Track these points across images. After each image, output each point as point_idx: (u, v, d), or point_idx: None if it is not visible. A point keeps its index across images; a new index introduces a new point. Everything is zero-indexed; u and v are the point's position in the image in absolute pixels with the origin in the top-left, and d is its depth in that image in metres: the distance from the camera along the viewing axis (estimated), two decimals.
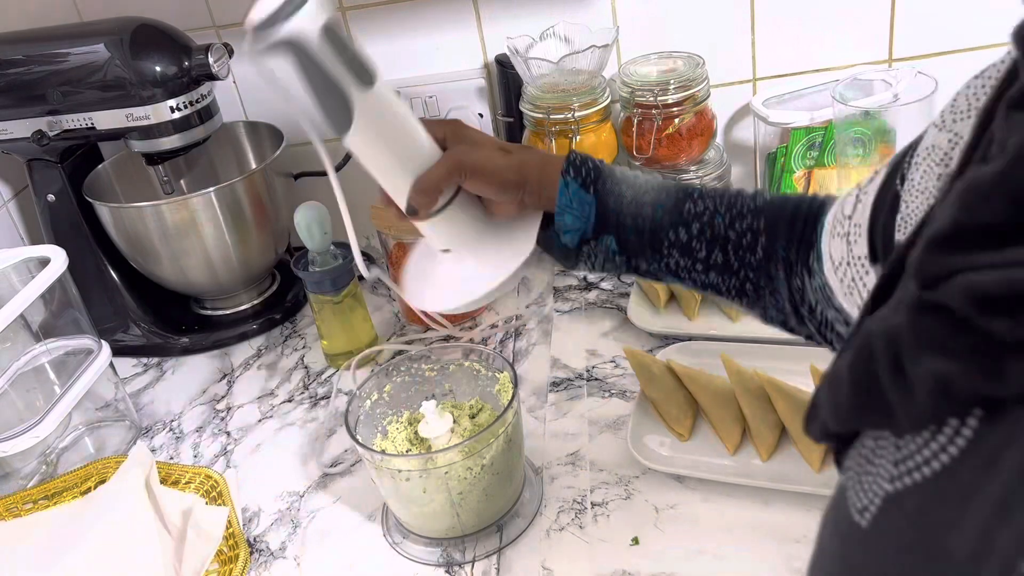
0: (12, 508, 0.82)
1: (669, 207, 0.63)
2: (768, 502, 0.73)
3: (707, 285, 0.64)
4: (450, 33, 1.11)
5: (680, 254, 0.64)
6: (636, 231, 0.64)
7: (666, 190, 0.65)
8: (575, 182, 0.65)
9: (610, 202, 0.64)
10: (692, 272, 0.64)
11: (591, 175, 0.65)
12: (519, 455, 0.76)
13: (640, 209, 0.64)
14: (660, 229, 0.64)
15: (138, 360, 1.09)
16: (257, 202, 1.04)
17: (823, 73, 1.10)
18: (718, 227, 0.62)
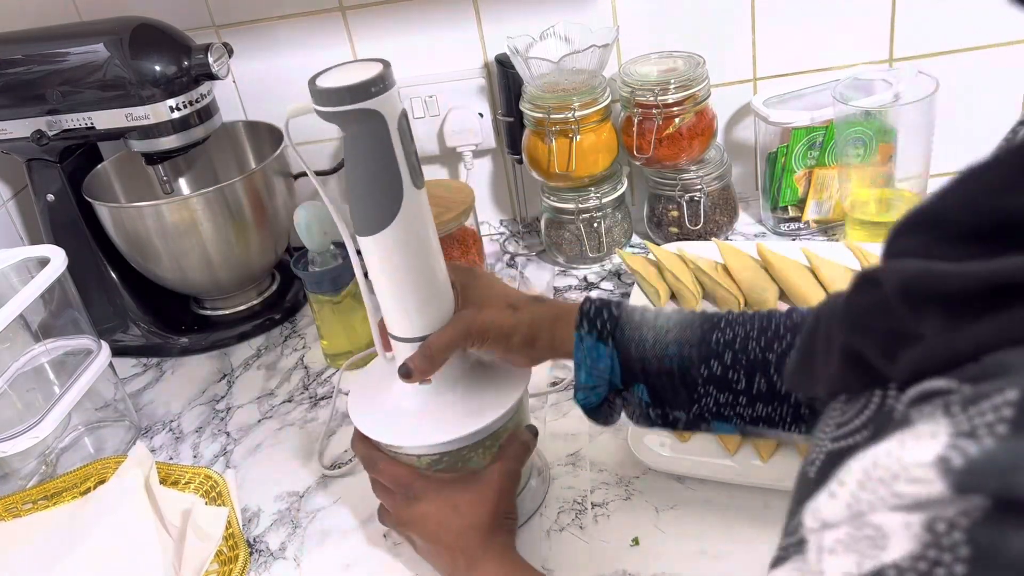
0: (11, 508, 0.82)
1: (695, 341, 0.59)
2: (768, 502, 0.73)
3: (758, 420, 0.59)
4: (450, 33, 1.11)
5: (718, 390, 0.59)
6: (666, 374, 0.60)
7: (689, 325, 0.60)
8: (590, 336, 0.62)
9: (632, 351, 0.61)
10: (736, 407, 0.59)
11: (607, 326, 0.61)
12: None
13: (665, 350, 0.60)
14: (690, 366, 0.59)
15: (138, 360, 1.09)
16: (257, 202, 1.04)
17: (824, 73, 1.09)
18: (753, 352, 0.58)
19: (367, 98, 0.58)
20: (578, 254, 1.09)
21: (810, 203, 1.07)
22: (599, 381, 0.62)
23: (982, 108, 1.10)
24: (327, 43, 1.12)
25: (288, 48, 1.13)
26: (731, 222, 1.10)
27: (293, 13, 1.11)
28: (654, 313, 0.63)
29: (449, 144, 1.16)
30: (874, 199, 1.00)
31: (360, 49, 1.13)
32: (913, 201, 0.99)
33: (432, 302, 0.66)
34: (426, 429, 0.68)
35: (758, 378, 0.57)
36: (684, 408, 0.61)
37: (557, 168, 1.03)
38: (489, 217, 1.24)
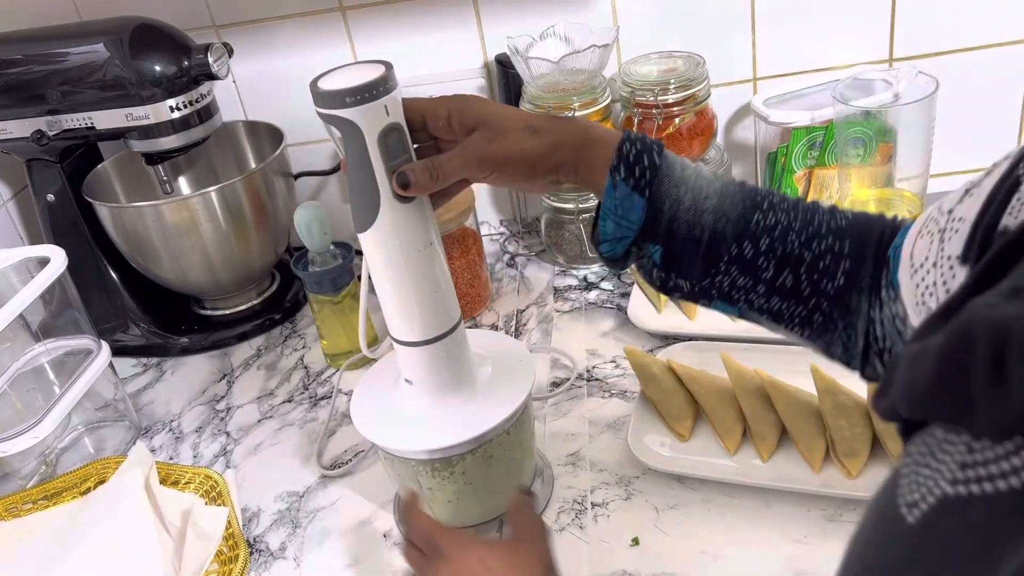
0: (12, 508, 0.82)
1: (734, 217, 0.55)
2: (768, 502, 0.73)
3: (765, 311, 0.56)
4: (450, 33, 1.11)
5: (740, 272, 0.55)
6: (692, 242, 0.55)
7: (731, 197, 0.56)
8: (625, 184, 0.55)
9: (665, 207, 0.55)
10: (751, 294, 0.56)
11: (646, 175, 0.55)
12: (529, 449, 0.76)
13: (699, 217, 0.55)
14: (721, 241, 0.55)
15: (138, 360, 1.09)
16: (257, 202, 1.04)
17: (824, 73, 1.09)
18: (791, 245, 0.54)
19: (341, 107, 0.58)
20: (578, 254, 1.09)
21: None
22: (628, 232, 0.56)
23: (982, 108, 1.10)
24: (327, 43, 1.12)
25: (288, 48, 1.13)
26: None
27: (293, 13, 1.11)
28: (695, 172, 0.57)
29: None
30: (874, 199, 1.00)
31: (360, 49, 1.13)
32: (913, 201, 0.99)
33: (419, 312, 0.66)
34: (426, 433, 0.68)
35: (787, 272, 0.54)
36: (694, 279, 0.56)
37: None
38: (489, 217, 1.24)
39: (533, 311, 1.04)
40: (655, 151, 0.56)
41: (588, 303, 1.03)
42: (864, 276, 0.53)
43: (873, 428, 0.74)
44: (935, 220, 0.45)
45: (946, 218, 0.43)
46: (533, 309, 1.04)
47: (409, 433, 0.69)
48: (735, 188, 0.57)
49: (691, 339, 0.92)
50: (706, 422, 0.81)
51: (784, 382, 0.79)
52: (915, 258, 0.46)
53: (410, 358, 0.68)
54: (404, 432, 0.69)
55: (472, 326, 1.03)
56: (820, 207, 0.56)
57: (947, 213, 0.44)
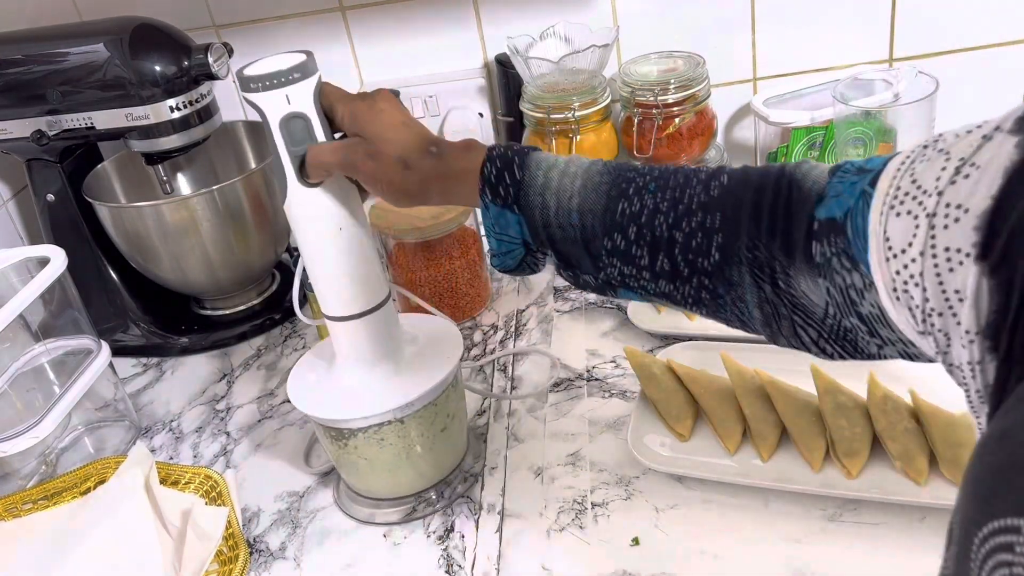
0: (11, 508, 0.82)
1: (599, 211, 0.55)
2: (768, 502, 0.73)
3: (658, 294, 0.56)
4: (450, 33, 1.11)
5: (621, 262, 0.55)
6: (571, 242, 0.56)
7: (596, 190, 0.56)
8: (495, 204, 0.57)
9: (536, 216, 0.57)
10: (640, 281, 0.56)
11: (510, 191, 0.57)
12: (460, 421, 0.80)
13: (568, 218, 0.56)
14: (593, 238, 0.56)
15: (138, 360, 1.09)
16: (257, 202, 1.04)
17: (824, 73, 1.09)
18: (660, 228, 0.54)
19: (249, 92, 0.63)
20: None
21: None
22: (512, 246, 0.58)
23: (982, 108, 1.10)
24: (327, 43, 1.12)
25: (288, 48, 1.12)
26: None
27: (293, 13, 1.11)
28: (560, 172, 0.57)
29: None
30: None
31: (360, 49, 1.13)
32: None
33: (334, 290, 0.70)
34: (363, 402, 0.72)
35: (661, 256, 0.54)
36: (591, 274, 0.57)
37: None
38: None
39: (533, 311, 1.04)
40: (516, 164, 0.57)
41: (588, 303, 1.03)
42: (739, 250, 0.51)
43: (873, 428, 0.74)
44: (913, 198, 0.41)
45: (935, 201, 0.40)
46: (533, 309, 1.04)
47: (336, 402, 0.73)
48: (600, 179, 0.57)
49: (691, 339, 0.92)
50: (706, 422, 0.81)
51: (784, 382, 0.79)
52: (893, 242, 0.42)
53: (333, 330, 0.73)
54: (331, 402, 0.73)
55: (472, 326, 1.03)
56: (694, 179, 0.54)
57: (937, 195, 0.40)
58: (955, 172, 0.39)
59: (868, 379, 0.76)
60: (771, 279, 0.51)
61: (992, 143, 0.38)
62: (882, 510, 0.70)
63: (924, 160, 0.42)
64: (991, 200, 0.36)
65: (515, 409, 0.89)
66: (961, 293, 0.38)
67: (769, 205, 0.50)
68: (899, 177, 0.43)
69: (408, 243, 0.99)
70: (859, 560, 0.67)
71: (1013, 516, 0.28)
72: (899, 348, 0.49)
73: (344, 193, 0.67)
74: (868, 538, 0.68)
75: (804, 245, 0.48)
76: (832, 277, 0.47)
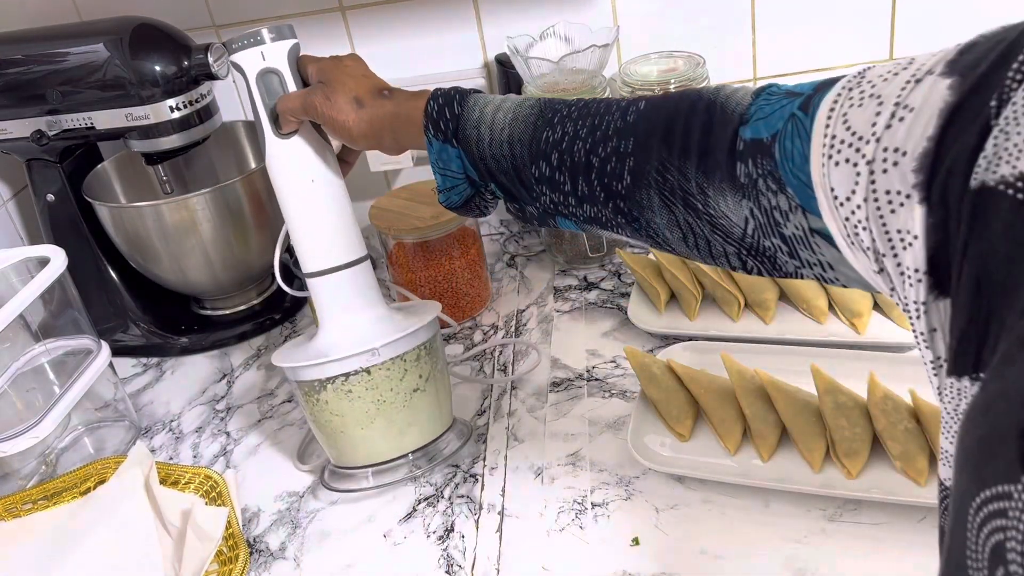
0: (11, 508, 0.82)
1: (526, 140, 0.58)
2: (768, 502, 0.73)
3: (587, 219, 0.58)
4: (450, 33, 1.11)
5: (550, 190, 0.58)
6: (503, 173, 0.60)
7: (524, 121, 0.59)
8: (436, 140, 0.61)
9: (473, 149, 0.60)
10: (569, 207, 0.58)
11: (450, 126, 0.61)
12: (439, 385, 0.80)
13: (500, 149, 0.59)
14: (523, 167, 0.59)
15: (138, 360, 1.09)
16: (257, 202, 1.04)
17: (824, 72, 1.09)
18: (578, 154, 0.56)
19: (230, 53, 0.73)
20: (578, 254, 1.09)
21: None
22: (456, 181, 0.62)
23: None
24: (327, 43, 1.12)
25: None
26: None
27: (293, 13, 1.11)
28: (494, 107, 0.61)
29: None
30: None
31: (360, 49, 1.13)
32: None
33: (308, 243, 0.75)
34: (331, 352, 0.75)
35: (580, 181, 0.56)
36: (531, 204, 0.61)
37: None
38: (489, 217, 1.24)
39: (533, 311, 1.04)
40: (456, 101, 0.62)
41: (588, 303, 1.03)
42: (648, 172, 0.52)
43: (873, 428, 0.74)
44: (849, 145, 0.42)
45: (873, 147, 0.40)
46: (533, 309, 1.04)
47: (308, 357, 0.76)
48: (529, 111, 0.60)
49: (691, 339, 0.92)
50: (706, 422, 0.81)
51: (784, 382, 0.79)
52: (837, 191, 0.43)
53: (313, 292, 0.77)
54: (304, 357, 0.76)
55: (472, 326, 1.03)
56: (613, 107, 0.56)
57: (874, 141, 0.40)
58: (890, 116, 0.40)
59: (868, 379, 0.76)
60: (684, 202, 0.52)
61: (923, 85, 0.39)
62: (882, 510, 0.70)
63: (855, 105, 0.42)
64: (927, 141, 0.37)
65: (515, 409, 0.89)
66: (903, 234, 0.39)
67: (682, 129, 0.51)
68: (832, 124, 0.43)
69: (408, 243, 0.99)
70: (859, 560, 0.67)
71: (1003, 483, 0.29)
72: (816, 271, 0.49)
73: (316, 147, 0.74)
74: (868, 538, 0.68)
75: (727, 165, 0.49)
76: (757, 198, 0.48)
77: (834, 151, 0.43)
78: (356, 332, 0.76)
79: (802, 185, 0.45)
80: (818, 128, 0.44)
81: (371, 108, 0.65)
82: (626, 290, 1.04)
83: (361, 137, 0.67)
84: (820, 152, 0.43)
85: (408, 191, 1.04)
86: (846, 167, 0.42)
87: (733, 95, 0.51)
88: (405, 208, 1.00)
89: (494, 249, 1.18)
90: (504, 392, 0.91)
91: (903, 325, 0.88)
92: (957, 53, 0.39)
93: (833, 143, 0.43)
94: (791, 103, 0.47)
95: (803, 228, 0.46)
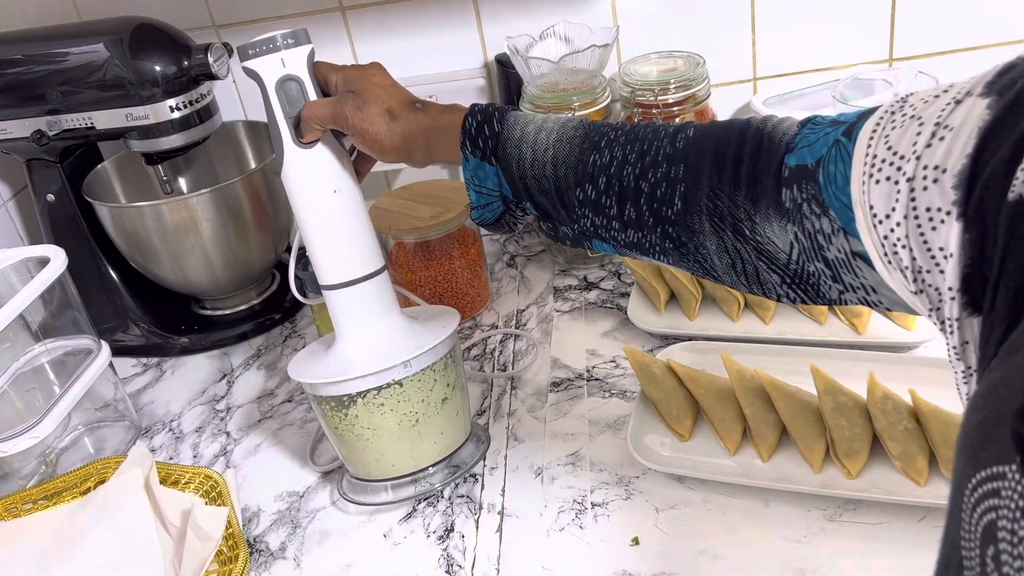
0: (11, 508, 0.82)
1: (572, 162, 0.58)
2: (768, 502, 0.73)
3: (628, 245, 0.58)
4: (450, 33, 1.11)
5: (592, 212, 0.58)
6: (545, 194, 0.59)
7: (569, 143, 0.59)
8: (474, 157, 0.61)
9: (513, 168, 0.60)
10: (611, 231, 0.58)
11: (488, 143, 0.60)
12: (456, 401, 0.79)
13: (543, 170, 0.59)
14: (567, 188, 0.58)
15: (138, 360, 1.09)
16: (257, 202, 1.04)
17: (824, 72, 1.10)
18: (628, 179, 0.56)
19: (245, 59, 0.69)
20: (578, 254, 1.09)
21: None
22: (490, 199, 0.61)
23: None
24: (327, 43, 1.12)
25: None
26: None
27: (293, 13, 1.11)
28: (536, 127, 0.60)
29: None
30: None
31: (360, 49, 1.13)
32: None
33: (328, 256, 0.72)
34: (360, 366, 0.73)
35: (628, 206, 0.56)
36: (567, 225, 0.60)
37: None
38: None
39: (533, 311, 1.04)
40: (495, 120, 0.61)
41: (588, 303, 1.03)
42: (700, 199, 0.53)
43: (873, 428, 0.74)
44: (891, 164, 0.42)
45: (913, 165, 0.41)
46: (533, 309, 1.04)
47: (334, 371, 0.74)
48: (574, 133, 0.59)
49: (691, 339, 0.92)
50: (706, 422, 0.81)
51: (784, 382, 0.79)
52: (876, 209, 0.43)
53: (331, 304, 0.74)
54: (330, 372, 0.74)
55: (472, 326, 1.03)
56: (661, 133, 0.56)
57: (915, 159, 0.41)
58: (931, 136, 0.40)
59: (868, 379, 0.76)
60: (733, 227, 0.52)
61: (963, 106, 0.40)
62: (882, 510, 0.70)
63: (897, 127, 0.43)
64: (967, 159, 0.38)
65: (515, 409, 0.89)
66: (945, 250, 0.40)
67: (733, 156, 0.52)
68: (874, 145, 0.44)
69: (408, 243, 0.99)
70: (859, 560, 0.67)
71: (998, 464, 0.30)
72: (860, 295, 0.50)
73: (338, 156, 0.71)
74: (868, 538, 0.68)
75: (773, 192, 0.50)
76: (801, 222, 0.49)
77: (875, 170, 0.43)
78: (378, 343, 0.74)
79: (844, 207, 0.46)
80: (859, 149, 0.45)
81: (404, 121, 0.64)
82: (626, 290, 1.04)
83: (392, 150, 0.65)
84: (861, 171, 0.44)
85: (408, 191, 1.04)
86: (886, 185, 0.42)
87: (779, 125, 0.52)
88: (405, 208, 1.00)
89: (494, 249, 1.18)
90: (504, 392, 0.91)
91: (903, 325, 0.88)
92: (996, 75, 0.39)
93: (874, 162, 0.44)
94: (835, 130, 0.48)
95: (845, 251, 0.47)
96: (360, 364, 0.73)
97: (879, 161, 0.43)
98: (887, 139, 0.43)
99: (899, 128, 0.43)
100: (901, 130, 0.42)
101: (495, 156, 0.60)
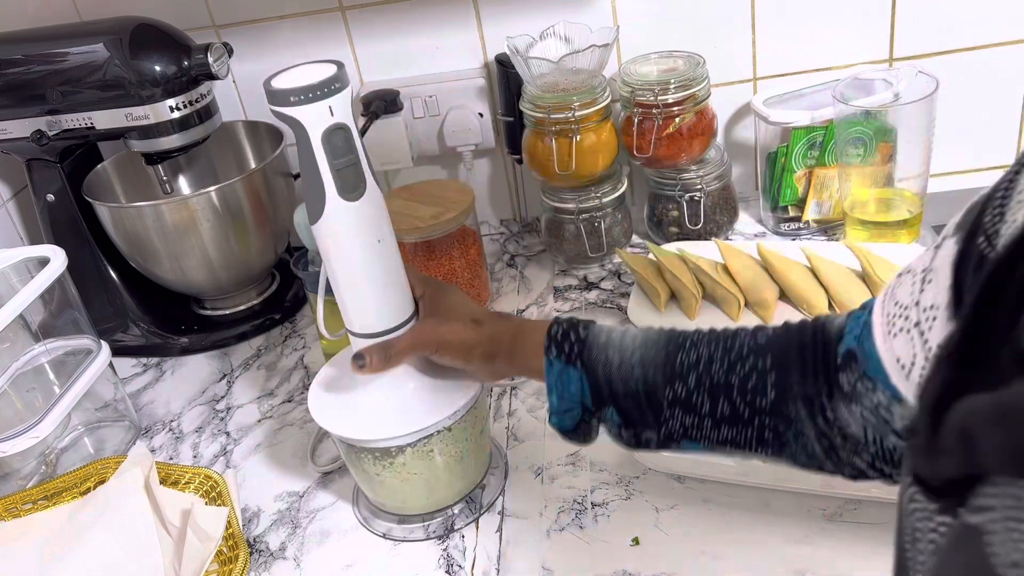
0: (11, 508, 0.82)
1: (659, 363, 0.59)
2: (768, 502, 0.73)
3: (723, 442, 0.58)
4: (450, 33, 1.11)
5: (683, 412, 0.58)
6: (632, 397, 0.59)
7: (655, 345, 0.60)
8: (559, 361, 0.61)
9: (599, 373, 0.60)
10: (702, 430, 0.58)
11: (574, 348, 0.61)
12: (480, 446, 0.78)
13: (631, 372, 0.59)
14: (656, 389, 0.59)
15: (138, 360, 1.09)
16: (256, 202, 1.04)
17: (824, 72, 1.09)
18: (717, 375, 0.57)
19: (287, 105, 0.60)
20: (578, 254, 1.09)
21: (810, 203, 1.07)
22: (572, 404, 0.61)
23: (982, 108, 1.10)
24: (327, 43, 1.12)
25: (288, 48, 1.13)
26: (731, 222, 1.10)
27: (293, 13, 1.11)
28: (620, 333, 0.62)
29: (449, 144, 1.16)
30: (874, 199, 1.00)
31: (360, 49, 1.13)
32: (913, 201, 0.99)
33: (366, 306, 0.69)
34: (387, 422, 0.71)
35: (722, 401, 0.57)
36: (654, 429, 0.60)
37: (557, 168, 1.03)
38: (489, 217, 1.24)
39: (533, 311, 1.04)
40: (580, 327, 0.62)
41: (588, 303, 1.03)
42: (792, 385, 0.54)
43: None
44: (901, 316, 0.46)
45: (916, 312, 0.44)
46: (533, 309, 1.04)
47: (357, 422, 0.72)
48: (658, 336, 0.61)
49: None
50: None
51: None
52: (902, 360, 0.46)
53: (354, 343, 0.71)
54: (375, 422, 0.71)
55: None
56: (742, 331, 0.59)
57: (915, 306, 0.44)
58: (922, 282, 0.44)
59: None
60: (821, 414, 0.54)
61: (942, 250, 0.43)
62: (882, 510, 0.70)
63: (899, 286, 0.47)
64: (948, 291, 0.41)
65: (515, 409, 0.89)
66: None
67: (810, 347, 0.55)
68: (885, 305, 0.48)
69: (408, 243, 0.99)
70: (859, 560, 0.67)
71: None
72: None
73: (381, 205, 0.67)
74: (868, 538, 0.68)
75: (835, 379, 0.53)
76: (861, 400, 0.51)
77: (891, 326, 0.47)
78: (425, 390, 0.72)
79: (884, 376, 0.48)
80: (876, 313, 0.49)
81: (491, 325, 0.67)
82: (626, 290, 1.04)
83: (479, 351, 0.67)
84: (881, 332, 0.48)
85: (408, 191, 1.04)
86: (903, 336, 0.45)
87: (834, 320, 0.55)
88: (405, 208, 1.00)
89: (494, 249, 1.18)
90: (504, 392, 0.91)
91: None
92: (963, 215, 0.42)
93: (889, 319, 0.47)
94: (865, 313, 0.51)
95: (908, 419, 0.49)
96: (405, 413, 0.71)
97: (892, 317, 0.46)
98: (894, 296, 0.47)
99: (900, 286, 0.47)
100: (902, 287, 0.46)
101: (581, 359, 0.61)
